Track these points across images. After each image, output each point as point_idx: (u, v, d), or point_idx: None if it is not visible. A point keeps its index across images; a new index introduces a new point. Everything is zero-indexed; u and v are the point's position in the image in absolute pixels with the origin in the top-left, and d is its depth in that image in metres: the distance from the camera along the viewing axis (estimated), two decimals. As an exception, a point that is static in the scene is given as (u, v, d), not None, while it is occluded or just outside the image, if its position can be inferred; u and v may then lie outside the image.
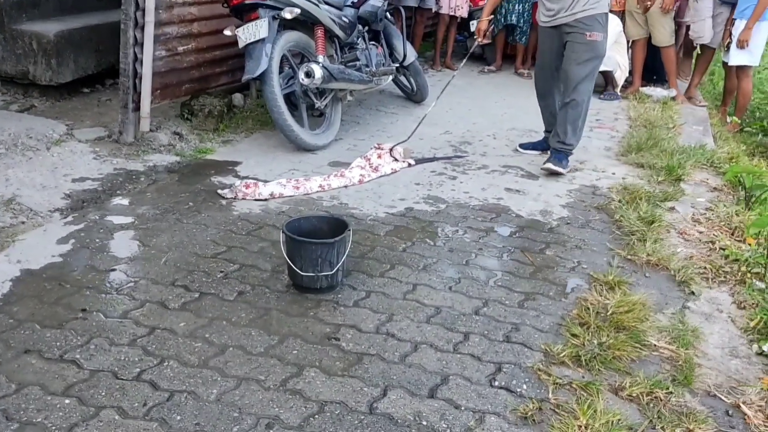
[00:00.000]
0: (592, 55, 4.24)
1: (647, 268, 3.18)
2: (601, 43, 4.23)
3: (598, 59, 4.29)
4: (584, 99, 4.33)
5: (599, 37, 4.22)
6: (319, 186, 3.86)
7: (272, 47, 4.22)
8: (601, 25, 4.21)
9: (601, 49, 4.25)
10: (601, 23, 4.20)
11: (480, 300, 2.81)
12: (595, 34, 4.19)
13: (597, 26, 4.19)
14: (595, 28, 4.19)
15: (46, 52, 4.88)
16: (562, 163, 4.34)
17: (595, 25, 4.18)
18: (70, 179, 3.73)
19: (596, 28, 4.19)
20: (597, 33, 4.19)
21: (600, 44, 4.23)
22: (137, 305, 2.61)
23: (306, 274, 2.70)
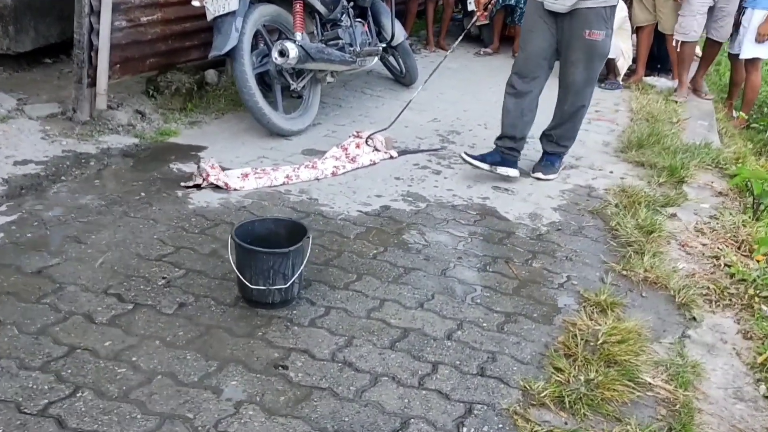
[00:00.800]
0: (594, 56, 3.69)
1: (644, 287, 2.86)
2: (603, 43, 3.66)
3: (600, 61, 3.77)
4: (589, 101, 3.93)
5: (600, 36, 3.62)
6: (286, 177, 3.50)
7: (243, 21, 3.84)
8: (605, 21, 3.62)
9: (603, 48, 3.69)
10: (605, 19, 3.61)
11: (454, 321, 2.48)
12: (595, 33, 3.60)
13: (599, 22, 3.59)
14: (597, 25, 3.58)
15: (3, 17, 4.48)
16: (554, 167, 3.96)
17: (596, 21, 3.58)
18: (11, 162, 3.37)
19: (598, 24, 3.59)
20: (597, 31, 3.59)
21: (602, 44, 3.66)
22: (59, 318, 2.27)
23: (256, 288, 2.36)
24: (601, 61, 3.77)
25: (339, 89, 5.30)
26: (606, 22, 3.62)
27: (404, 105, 4.43)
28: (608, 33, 3.66)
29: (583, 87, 3.79)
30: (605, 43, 3.67)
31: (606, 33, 3.64)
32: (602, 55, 3.74)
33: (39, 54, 4.85)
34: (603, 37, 3.63)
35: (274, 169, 3.57)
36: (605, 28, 3.62)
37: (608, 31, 3.65)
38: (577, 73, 3.73)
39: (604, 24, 3.61)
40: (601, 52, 3.71)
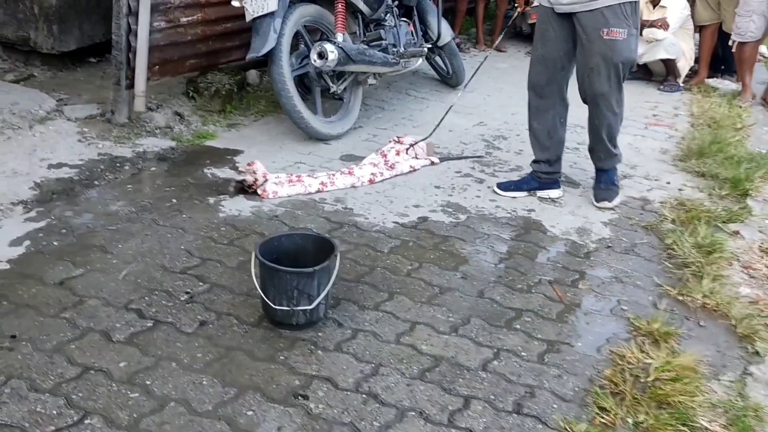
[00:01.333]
0: (615, 59, 3.18)
1: (702, 315, 2.62)
2: (625, 43, 3.17)
3: (625, 64, 3.23)
4: (620, 114, 3.45)
5: (620, 35, 3.15)
6: (320, 184, 3.37)
7: (282, 22, 3.72)
8: (626, 18, 3.14)
9: (626, 49, 3.19)
10: (625, 16, 3.14)
11: (491, 349, 2.30)
12: (614, 31, 3.13)
13: (618, 19, 3.13)
14: (615, 23, 3.13)
15: (47, 17, 4.48)
16: (615, 186, 3.54)
17: (614, 18, 3.13)
18: (46, 165, 3.33)
19: (617, 22, 3.13)
20: (617, 29, 3.13)
21: (624, 44, 3.17)
22: (76, 335, 2.19)
23: (279, 308, 2.24)
24: (625, 65, 3.24)
25: (382, 91, 5.15)
26: (627, 19, 3.15)
27: (448, 108, 4.24)
28: (631, 32, 3.18)
29: (608, 97, 3.30)
30: (629, 43, 3.19)
31: (629, 32, 3.16)
32: (626, 59, 3.22)
33: (84, 53, 4.85)
34: (625, 36, 3.15)
35: (309, 175, 3.45)
36: (627, 26, 3.15)
37: (631, 29, 3.17)
38: (598, 82, 3.25)
39: (625, 21, 3.14)
40: (623, 54, 3.19)
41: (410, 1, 4.73)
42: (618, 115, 3.44)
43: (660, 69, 6.14)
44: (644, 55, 5.96)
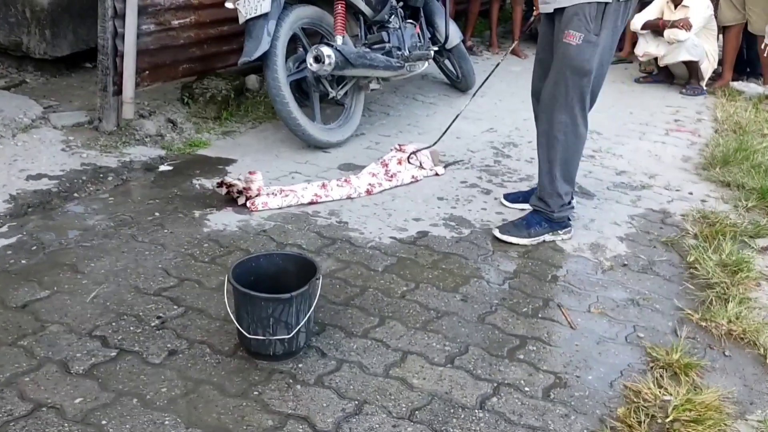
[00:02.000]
0: (564, 64, 2.75)
1: (728, 342, 2.36)
2: (577, 49, 2.71)
3: (573, 74, 2.75)
4: (571, 139, 2.86)
5: (574, 39, 2.70)
6: (314, 195, 3.16)
7: (277, 24, 3.52)
8: (587, 22, 2.68)
9: (576, 56, 2.72)
10: (587, 19, 2.68)
11: (490, 383, 2.07)
12: (570, 33, 2.71)
13: (578, 22, 2.69)
14: (574, 25, 2.70)
15: (40, 21, 4.33)
16: (527, 230, 2.94)
17: (575, 20, 2.70)
18: (25, 176, 3.15)
19: (576, 24, 2.69)
20: (573, 32, 2.70)
21: (575, 50, 2.71)
22: (32, 366, 1.99)
23: (254, 338, 2.02)
24: (574, 74, 2.74)
25: (388, 95, 4.93)
26: (588, 23, 2.68)
27: (456, 115, 4.01)
28: (589, 38, 2.70)
29: (550, 106, 2.83)
30: (581, 50, 2.71)
31: (585, 38, 2.69)
32: (575, 68, 2.73)
33: (79, 58, 4.70)
34: (579, 41, 2.70)
35: (303, 185, 3.23)
36: (585, 31, 2.69)
37: (589, 35, 2.69)
38: (547, 86, 2.84)
39: (585, 25, 2.69)
40: (573, 61, 2.73)
41: (416, 2, 4.51)
42: (562, 142, 2.84)
43: (682, 71, 5.86)
44: (666, 57, 5.70)
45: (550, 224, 2.96)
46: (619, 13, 2.75)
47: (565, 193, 2.93)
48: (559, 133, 2.84)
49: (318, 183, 3.26)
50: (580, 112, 2.84)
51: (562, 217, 2.96)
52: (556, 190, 2.91)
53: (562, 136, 2.85)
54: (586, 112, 2.89)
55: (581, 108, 2.83)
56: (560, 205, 2.93)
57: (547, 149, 2.90)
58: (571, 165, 2.92)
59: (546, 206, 2.94)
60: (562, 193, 2.92)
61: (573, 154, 2.90)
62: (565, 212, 2.97)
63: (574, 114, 2.82)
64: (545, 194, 2.94)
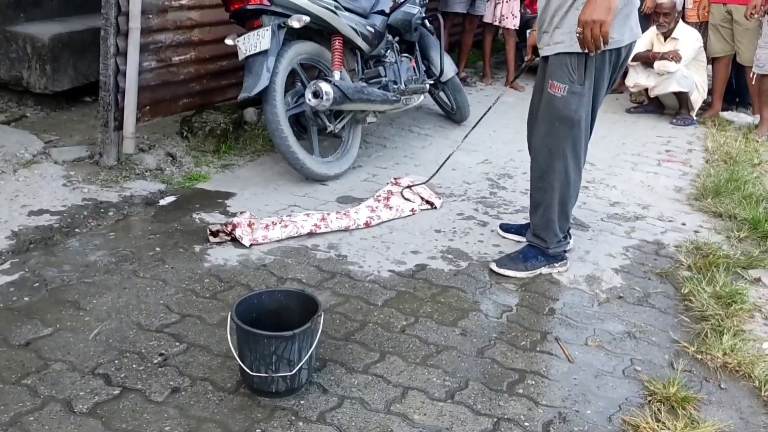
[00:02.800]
0: (551, 115, 2.77)
1: (723, 375, 2.39)
2: (562, 101, 2.71)
3: (562, 124, 2.75)
4: (559, 184, 2.86)
5: (559, 91, 2.70)
6: (313, 226, 3.20)
7: (276, 60, 3.58)
8: (570, 73, 2.68)
9: (562, 108, 2.72)
10: (570, 70, 2.68)
11: (490, 418, 2.09)
12: (554, 85, 2.72)
13: (561, 73, 2.70)
14: (557, 76, 2.71)
15: (40, 56, 4.39)
16: (523, 264, 2.96)
17: (558, 70, 2.71)
18: (27, 211, 3.18)
19: (559, 75, 2.70)
20: (557, 84, 2.71)
21: (561, 102, 2.71)
22: (36, 405, 2.00)
23: (257, 375, 2.04)
24: (563, 125, 2.74)
25: (385, 127, 5.00)
26: (571, 73, 2.67)
27: (454, 144, 4.08)
28: (573, 89, 2.68)
29: (542, 153, 2.84)
30: (566, 102, 2.70)
31: (570, 89, 2.68)
32: (563, 119, 2.73)
33: (79, 93, 4.75)
34: (564, 93, 2.69)
35: (301, 216, 3.27)
36: (569, 82, 2.68)
37: (574, 86, 2.68)
38: (538, 134, 2.86)
39: (568, 76, 2.68)
40: (560, 112, 2.73)
41: (412, 37, 4.61)
42: (558, 189, 2.85)
43: (672, 102, 5.96)
44: (656, 88, 5.80)
45: (546, 258, 3.00)
46: (606, 64, 2.72)
47: (561, 230, 2.97)
48: (554, 182, 2.86)
49: (318, 215, 3.29)
50: (573, 160, 2.84)
51: (558, 252, 3.01)
52: (552, 230, 2.94)
53: (557, 183, 2.86)
54: (580, 160, 2.89)
55: (574, 156, 2.83)
56: (557, 242, 2.98)
57: (542, 194, 2.92)
58: (566, 207, 2.95)
59: (542, 242, 2.98)
60: (558, 232, 2.96)
61: (568, 198, 2.93)
62: (562, 247, 3.02)
63: (567, 162, 2.83)
64: (540, 232, 2.98)
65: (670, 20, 5.69)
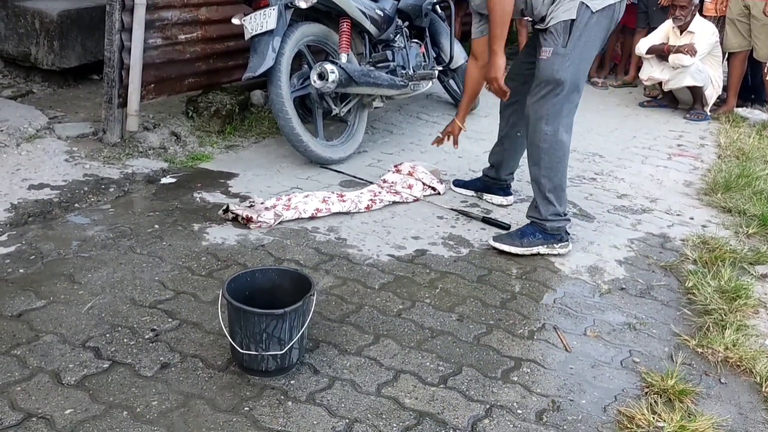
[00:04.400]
0: (540, 80, 2.91)
1: (724, 370, 2.35)
2: (547, 63, 2.87)
3: (549, 85, 2.88)
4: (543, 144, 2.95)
5: (546, 54, 2.88)
6: (315, 210, 3.17)
7: (282, 41, 3.55)
8: (555, 37, 2.86)
9: (549, 69, 2.87)
10: (556, 34, 2.86)
11: (482, 405, 2.06)
12: (543, 50, 2.89)
13: (549, 39, 2.88)
14: (546, 42, 2.89)
15: (48, 33, 4.38)
16: (521, 240, 3.01)
17: (547, 38, 2.89)
18: (27, 185, 3.17)
19: (548, 41, 2.88)
20: (545, 48, 2.89)
21: (547, 63, 2.87)
22: (24, 376, 1.99)
23: (247, 353, 2.02)
24: (548, 85, 2.88)
25: (392, 114, 4.96)
26: (556, 38, 2.86)
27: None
28: (557, 51, 2.86)
29: (532, 117, 2.97)
30: (551, 62, 2.87)
31: (554, 50, 2.86)
32: (547, 79, 2.88)
33: (87, 70, 4.74)
34: (549, 55, 2.88)
35: (305, 202, 3.24)
36: (554, 44, 2.87)
37: (557, 48, 2.86)
38: (528, 101, 2.99)
39: (554, 40, 2.87)
40: (545, 73, 2.89)
41: (422, 23, 4.55)
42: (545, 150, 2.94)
43: (686, 97, 5.88)
44: (670, 82, 5.72)
45: (544, 236, 3.02)
46: (598, 24, 2.87)
47: (554, 199, 2.99)
48: (541, 143, 2.96)
49: (319, 197, 3.26)
50: (561, 120, 2.94)
51: (556, 229, 3.02)
52: (544, 195, 3.00)
53: (545, 144, 2.95)
54: (568, 120, 2.98)
55: (560, 117, 2.93)
56: (552, 213, 3.00)
57: (532, 158, 3.03)
58: (556, 171, 2.99)
59: (538, 214, 3.02)
60: (552, 199, 2.99)
61: (557, 162, 2.99)
62: (560, 224, 3.02)
63: (555, 124, 2.93)
64: (537, 202, 3.04)
65: (687, 13, 5.60)
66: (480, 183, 3.62)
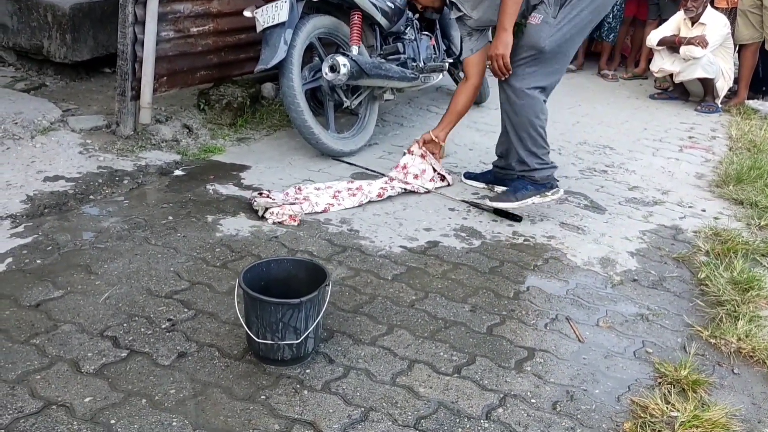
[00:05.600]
0: (525, 44, 3.10)
1: (737, 360, 2.35)
2: (536, 28, 3.06)
3: (532, 50, 3.07)
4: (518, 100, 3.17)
5: (535, 20, 3.07)
6: (326, 204, 3.18)
7: (294, 33, 3.56)
8: (546, 6, 3.05)
9: (535, 36, 3.06)
10: (547, 3, 3.05)
11: (497, 394, 2.07)
12: (533, 15, 3.10)
13: (540, 8, 3.08)
14: (538, 10, 3.09)
15: (61, 26, 4.39)
16: (515, 195, 3.25)
17: (539, 6, 3.09)
18: (42, 177, 3.20)
19: (539, 9, 3.08)
20: (536, 15, 3.08)
21: (535, 29, 3.06)
22: (44, 364, 2.02)
23: (263, 342, 2.04)
24: (531, 50, 3.07)
25: (403, 106, 4.97)
26: (548, 7, 3.05)
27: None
28: (548, 20, 3.03)
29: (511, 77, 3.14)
30: (539, 29, 3.04)
31: (544, 19, 3.04)
32: (532, 44, 3.06)
33: (98, 63, 4.76)
34: (538, 21, 3.06)
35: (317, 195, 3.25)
36: (545, 14, 3.05)
37: (548, 17, 3.04)
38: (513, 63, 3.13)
39: (545, 9, 3.05)
40: (531, 38, 3.07)
41: (432, 15, 4.54)
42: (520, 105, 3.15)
43: (697, 89, 5.86)
44: (681, 74, 5.70)
45: (535, 186, 3.23)
46: (584, 6, 3.03)
47: (537, 149, 3.20)
48: (517, 99, 3.16)
49: (330, 192, 3.27)
50: (536, 82, 3.13)
51: (546, 177, 3.20)
52: (527, 148, 3.21)
53: (520, 101, 3.15)
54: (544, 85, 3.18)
55: (535, 79, 3.12)
56: (538, 162, 3.21)
57: (508, 116, 3.24)
58: (534, 125, 3.18)
59: (526, 166, 3.22)
60: (535, 150, 3.20)
61: (534, 115, 3.17)
62: (548, 171, 3.23)
63: (528, 82, 3.12)
64: (521, 156, 3.24)
65: (699, 5, 5.57)
66: (491, 175, 3.64)
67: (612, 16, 6.58)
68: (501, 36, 3.05)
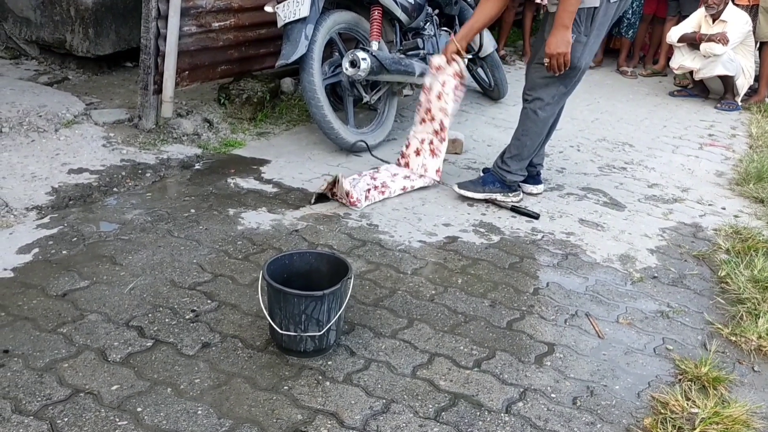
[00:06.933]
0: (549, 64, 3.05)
1: (757, 358, 2.35)
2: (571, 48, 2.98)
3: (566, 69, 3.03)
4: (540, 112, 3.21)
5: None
6: (401, 188, 3.40)
7: (315, 29, 3.58)
8: (578, 24, 2.98)
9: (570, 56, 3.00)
10: (578, 21, 2.98)
11: (516, 388, 2.08)
12: None
13: (574, 27, 2.98)
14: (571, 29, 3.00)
15: (83, 20, 4.44)
16: (483, 187, 3.33)
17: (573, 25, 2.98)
18: (66, 169, 3.24)
19: (573, 28, 2.98)
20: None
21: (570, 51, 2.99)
22: (71, 353, 2.06)
23: (286, 333, 2.07)
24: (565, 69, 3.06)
25: (421, 102, 4.96)
26: (579, 25, 3.00)
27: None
28: (580, 39, 3.01)
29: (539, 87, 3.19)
30: (573, 49, 2.99)
31: (577, 38, 2.99)
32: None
33: (120, 57, 4.81)
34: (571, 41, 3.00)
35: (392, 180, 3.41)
36: (577, 33, 3.00)
37: (581, 36, 3.01)
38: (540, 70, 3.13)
39: (577, 27, 2.99)
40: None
41: (451, 11, 4.55)
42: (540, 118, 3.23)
43: (717, 86, 5.81)
44: (701, 71, 5.66)
45: (502, 186, 3.34)
46: (608, 16, 3.06)
47: (525, 158, 3.32)
48: (539, 110, 3.22)
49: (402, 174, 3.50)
50: (561, 98, 3.23)
51: (514, 182, 3.35)
52: (520, 152, 3.30)
53: (542, 113, 3.22)
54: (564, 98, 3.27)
55: (558, 96, 3.20)
56: (518, 169, 3.32)
57: (524, 120, 3.29)
58: (528, 138, 3.28)
59: (506, 167, 3.31)
60: (525, 157, 3.31)
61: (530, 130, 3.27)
62: (519, 178, 3.36)
63: (555, 97, 3.19)
64: (508, 155, 3.33)
65: (720, 2, 5.53)
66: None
67: (631, 12, 6.55)
68: (562, 33, 2.93)
